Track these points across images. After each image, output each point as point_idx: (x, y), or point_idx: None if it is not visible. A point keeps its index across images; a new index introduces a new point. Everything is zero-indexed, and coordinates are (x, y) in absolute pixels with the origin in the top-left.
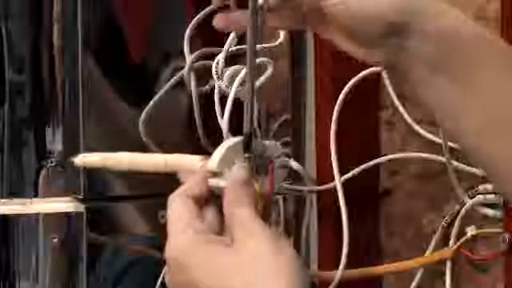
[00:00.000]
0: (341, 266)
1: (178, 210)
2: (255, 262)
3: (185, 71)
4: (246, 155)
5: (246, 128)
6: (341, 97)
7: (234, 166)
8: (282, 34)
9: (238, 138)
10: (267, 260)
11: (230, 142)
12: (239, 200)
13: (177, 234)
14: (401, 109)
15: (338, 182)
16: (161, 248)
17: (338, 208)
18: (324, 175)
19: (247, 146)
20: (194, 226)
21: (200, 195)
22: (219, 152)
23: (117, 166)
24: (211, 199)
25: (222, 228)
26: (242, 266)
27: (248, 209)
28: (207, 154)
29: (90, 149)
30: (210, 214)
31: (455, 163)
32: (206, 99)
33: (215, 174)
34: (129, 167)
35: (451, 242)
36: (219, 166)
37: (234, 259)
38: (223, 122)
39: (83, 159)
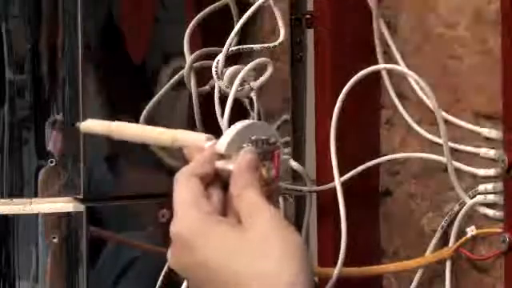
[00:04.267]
0: (339, 263)
1: (185, 187)
2: (264, 244)
3: (185, 71)
4: (253, 138)
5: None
6: (341, 97)
7: (242, 150)
8: (282, 33)
9: (248, 122)
10: (275, 243)
11: (239, 125)
12: (247, 183)
13: (184, 212)
14: (401, 109)
15: (337, 182)
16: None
17: (338, 208)
18: (324, 175)
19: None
20: (202, 206)
21: (206, 175)
22: (228, 135)
23: (121, 136)
24: (216, 180)
25: (226, 210)
26: (251, 248)
27: (256, 192)
28: None
29: (90, 148)
30: (215, 194)
31: (455, 163)
32: (206, 99)
33: (222, 156)
34: (133, 138)
35: (451, 242)
36: (227, 149)
37: (243, 240)
38: (223, 122)
39: (88, 125)
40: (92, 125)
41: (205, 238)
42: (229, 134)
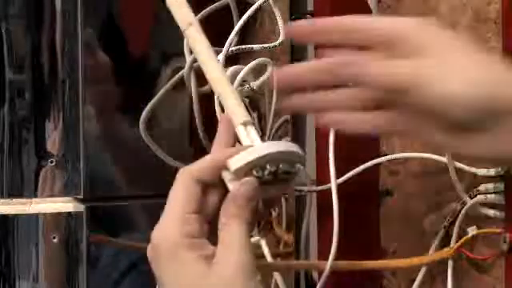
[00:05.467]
0: (330, 257)
1: (183, 192)
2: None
3: (185, 71)
4: (269, 167)
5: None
6: None
7: (246, 178)
8: (282, 33)
9: (278, 147)
10: None
11: (265, 150)
12: (236, 214)
13: (169, 222)
14: None
15: (333, 182)
16: None
17: (338, 207)
18: (324, 175)
19: None
20: (186, 225)
21: (209, 181)
22: (247, 157)
23: (190, 44)
24: (218, 185)
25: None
26: (209, 284)
27: (240, 227)
28: (208, 154)
29: (90, 148)
30: (211, 201)
31: (456, 163)
32: (206, 99)
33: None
34: (196, 54)
35: (452, 242)
36: (237, 170)
37: (205, 274)
38: None
39: (173, 3)
40: (176, 8)
41: (172, 261)
42: (249, 155)
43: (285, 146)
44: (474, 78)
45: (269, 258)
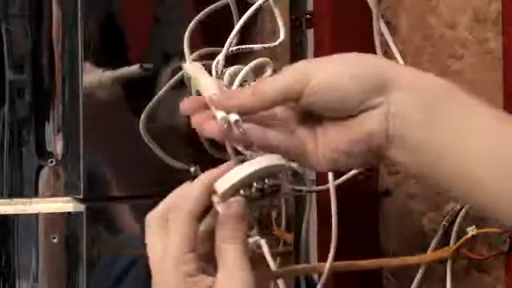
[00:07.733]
0: (329, 258)
1: (177, 234)
2: None
3: (185, 71)
4: (255, 185)
5: None
6: None
7: (232, 200)
8: (282, 33)
9: (262, 164)
10: None
11: (251, 167)
12: (229, 236)
13: (170, 262)
14: None
15: (331, 182)
16: None
17: (338, 208)
18: (324, 175)
19: None
20: (183, 267)
21: (202, 211)
22: (233, 177)
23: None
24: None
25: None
26: None
27: (235, 248)
28: (207, 154)
29: (90, 148)
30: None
31: None
32: None
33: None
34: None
35: (451, 242)
36: (224, 193)
37: None
38: None
39: (188, 69)
40: (191, 72)
41: None
42: (235, 175)
43: (269, 160)
44: (364, 62)
45: (268, 258)
